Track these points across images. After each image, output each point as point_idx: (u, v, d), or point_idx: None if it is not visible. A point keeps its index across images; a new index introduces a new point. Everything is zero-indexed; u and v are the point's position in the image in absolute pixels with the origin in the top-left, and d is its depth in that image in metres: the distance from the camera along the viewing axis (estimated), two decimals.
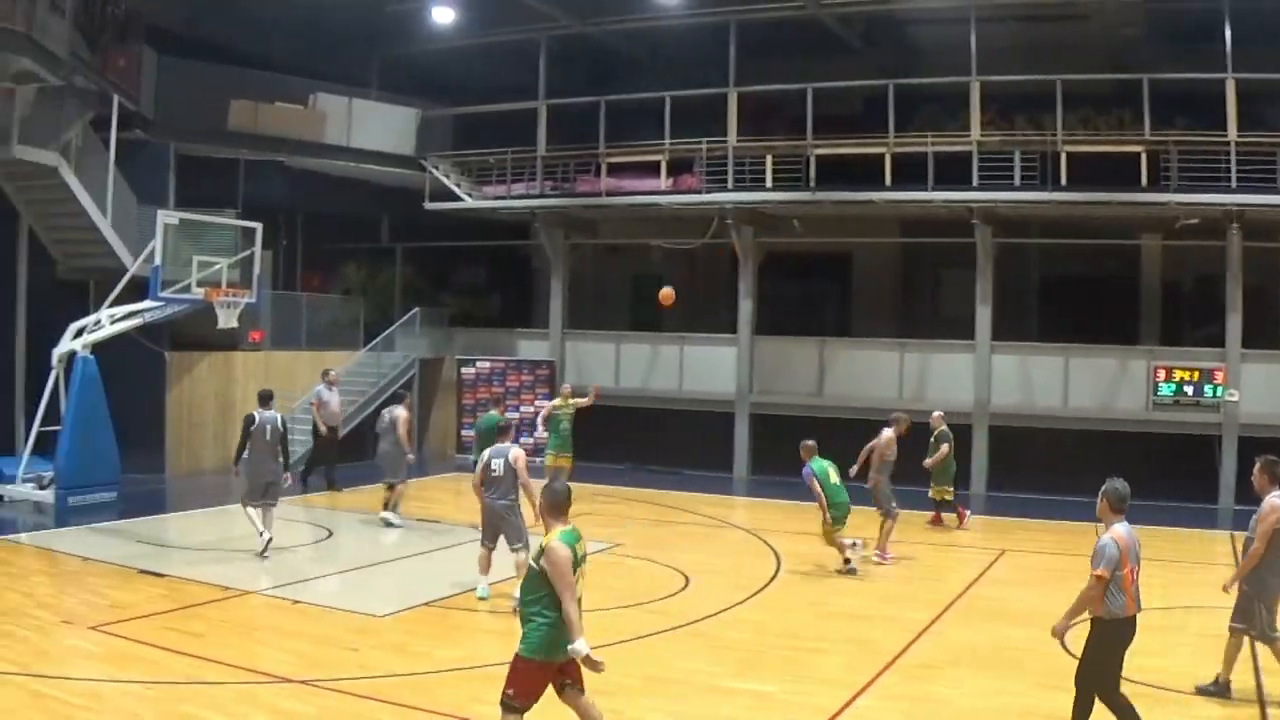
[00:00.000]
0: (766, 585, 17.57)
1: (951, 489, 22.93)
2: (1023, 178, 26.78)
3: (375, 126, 32.60)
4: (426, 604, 15.86)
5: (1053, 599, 16.28)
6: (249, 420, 19.11)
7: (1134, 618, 10.16)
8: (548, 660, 9.29)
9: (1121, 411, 27.21)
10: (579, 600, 9.23)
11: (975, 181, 27.11)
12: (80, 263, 26.47)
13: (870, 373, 29.48)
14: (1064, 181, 26.48)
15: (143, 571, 17.14)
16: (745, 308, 30.65)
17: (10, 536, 20.14)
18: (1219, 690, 12.09)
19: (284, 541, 19.22)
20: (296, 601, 15.79)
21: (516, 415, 31.34)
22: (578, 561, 9.24)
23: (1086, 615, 10.27)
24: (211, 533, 19.07)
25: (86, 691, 11.65)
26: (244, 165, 30.38)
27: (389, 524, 21.63)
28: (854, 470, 19.84)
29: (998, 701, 11.86)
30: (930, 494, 22.78)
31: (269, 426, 19.02)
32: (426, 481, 27.99)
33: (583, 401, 25.00)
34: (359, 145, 32.26)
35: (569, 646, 9.12)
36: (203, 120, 29.14)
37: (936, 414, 23.18)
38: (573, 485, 21.99)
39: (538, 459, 30.73)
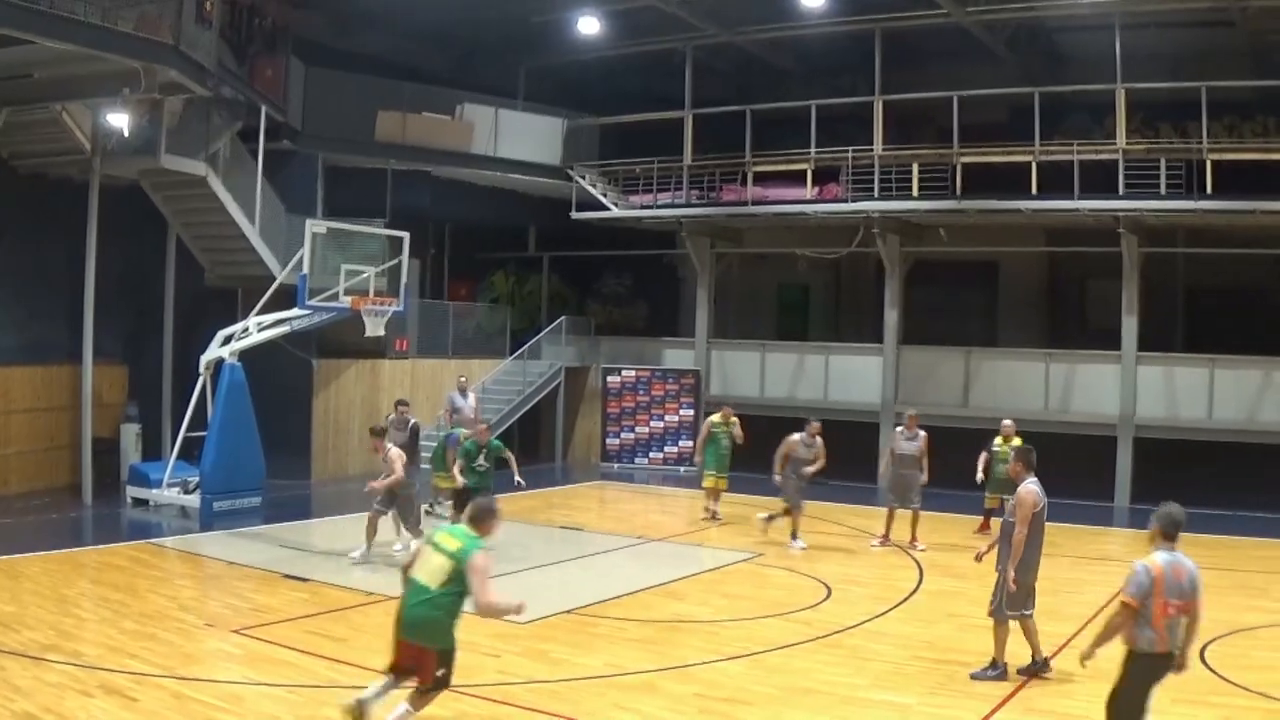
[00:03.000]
0: (909, 597, 17.18)
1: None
2: (1168, 186, 26.08)
3: (522, 136, 32.65)
4: (568, 611, 15.71)
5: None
6: None
7: (1166, 655, 9.46)
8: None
9: (1267, 424, 26.23)
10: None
11: (1121, 190, 26.48)
12: (228, 271, 26.89)
13: (1016, 384, 28.89)
14: (1209, 190, 25.74)
15: (286, 576, 17.24)
16: (891, 317, 30.27)
17: (156, 540, 20.48)
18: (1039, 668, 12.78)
19: None
20: None
21: (661, 424, 31.43)
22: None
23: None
24: (356, 538, 19.03)
25: (228, 694, 11.65)
26: (391, 175, 30.53)
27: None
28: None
29: None
30: (987, 503, 22.30)
31: None
32: (572, 489, 28.01)
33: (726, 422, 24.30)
34: (506, 155, 32.31)
35: None
36: (350, 131, 29.46)
37: (1008, 423, 22.48)
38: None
39: (681, 469, 30.85)
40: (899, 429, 21.96)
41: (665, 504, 26.39)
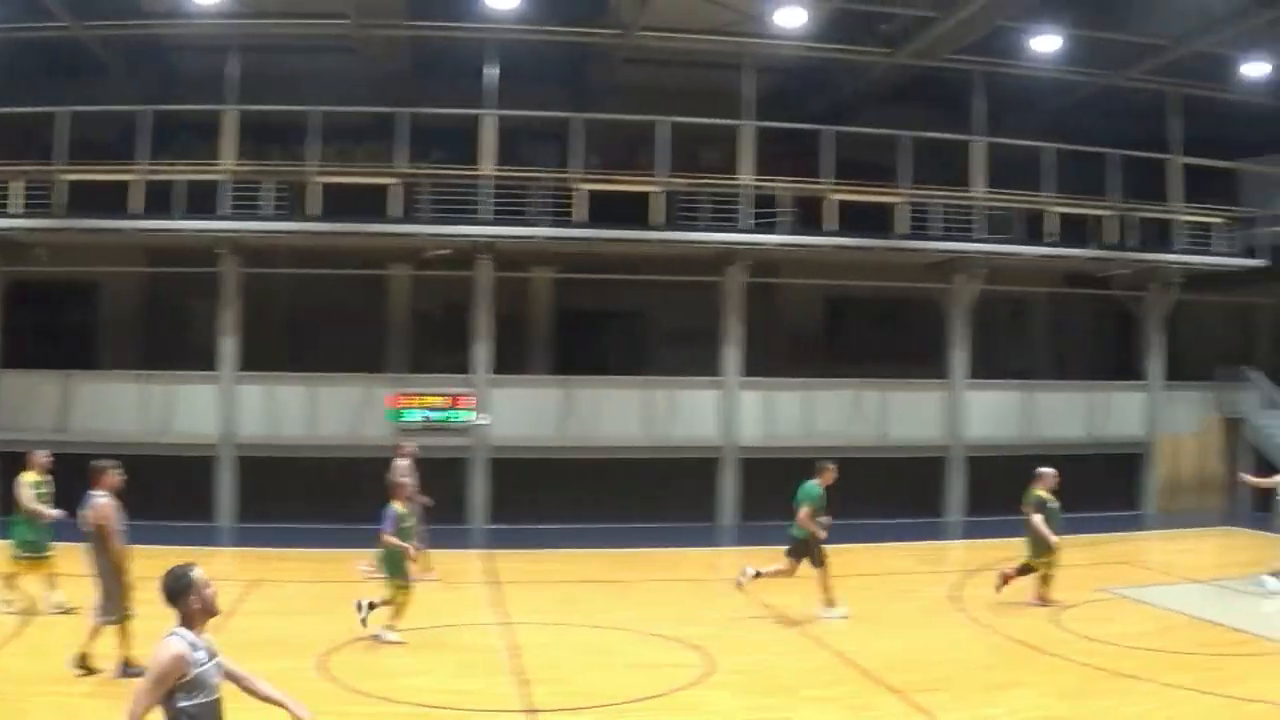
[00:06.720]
0: None
1: None
2: (276, 208, 27.00)
3: None
4: None
5: (316, 627, 16.19)
6: None
7: None
8: None
9: (371, 438, 27.39)
10: None
11: (225, 211, 26.95)
12: None
13: (115, 406, 27.89)
14: (320, 212, 26.96)
15: None
16: None
17: None
18: None
19: None
20: None
21: None
22: None
23: None
24: None
25: None
26: None
27: None
28: None
29: None
30: None
31: None
32: None
33: None
34: None
35: None
36: None
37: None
38: None
39: None
40: None
41: None
